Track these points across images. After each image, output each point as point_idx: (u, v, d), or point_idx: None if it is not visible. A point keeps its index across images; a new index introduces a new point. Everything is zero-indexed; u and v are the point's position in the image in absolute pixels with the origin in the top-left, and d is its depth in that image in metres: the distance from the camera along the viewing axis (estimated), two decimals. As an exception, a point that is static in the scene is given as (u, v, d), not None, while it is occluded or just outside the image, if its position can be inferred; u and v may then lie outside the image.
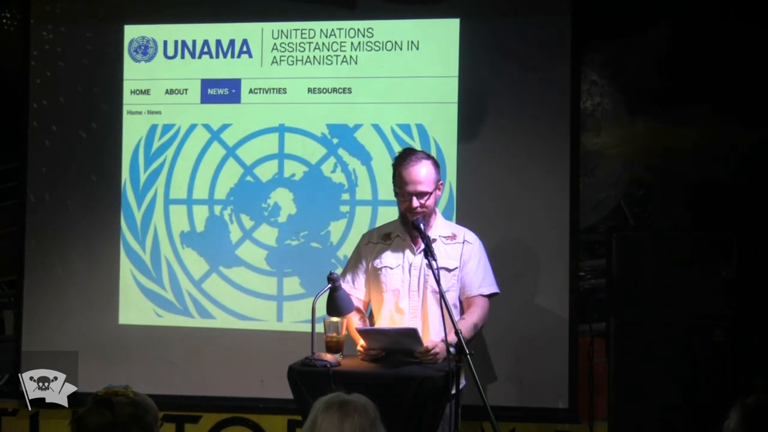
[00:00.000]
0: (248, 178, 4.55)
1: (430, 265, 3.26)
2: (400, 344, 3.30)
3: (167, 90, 4.60)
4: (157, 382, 4.43)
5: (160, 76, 4.61)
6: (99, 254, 4.62)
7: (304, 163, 4.51)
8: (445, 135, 4.39)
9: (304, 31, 4.52)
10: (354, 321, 3.50)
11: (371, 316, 3.63)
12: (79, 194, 4.66)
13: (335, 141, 4.49)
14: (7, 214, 4.80)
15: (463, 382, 3.31)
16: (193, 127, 4.58)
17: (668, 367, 3.86)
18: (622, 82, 4.38)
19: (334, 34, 4.50)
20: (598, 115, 4.41)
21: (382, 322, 3.52)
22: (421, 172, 3.41)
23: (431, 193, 3.44)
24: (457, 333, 3.08)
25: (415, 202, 3.40)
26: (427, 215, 3.46)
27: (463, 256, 3.51)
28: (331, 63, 4.50)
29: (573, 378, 4.26)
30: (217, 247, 4.55)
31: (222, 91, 4.57)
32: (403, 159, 3.46)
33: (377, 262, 3.54)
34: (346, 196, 4.47)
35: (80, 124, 4.68)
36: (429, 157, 3.51)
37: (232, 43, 4.56)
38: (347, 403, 2.04)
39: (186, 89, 4.59)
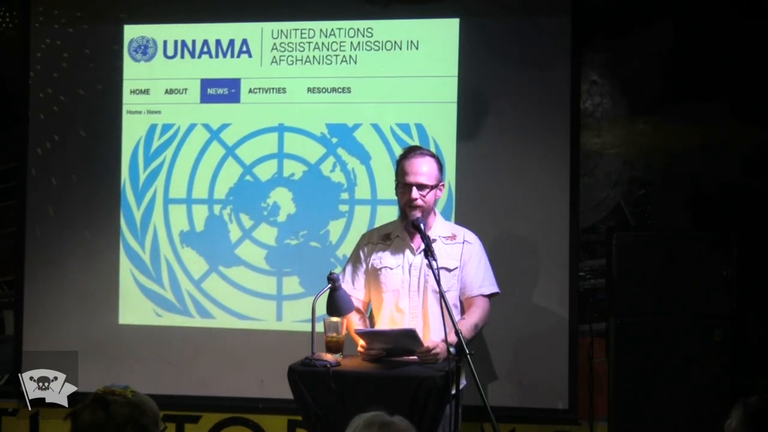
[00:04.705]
0: (248, 177, 4.55)
1: (430, 265, 3.25)
2: (400, 345, 3.30)
3: (167, 90, 4.60)
4: (157, 382, 4.43)
5: (159, 76, 4.60)
6: (99, 254, 4.62)
7: (303, 163, 4.51)
8: (444, 135, 4.39)
9: (303, 31, 4.51)
10: (354, 321, 3.50)
11: (371, 317, 3.62)
12: (78, 194, 4.65)
13: (334, 140, 4.49)
14: (7, 214, 4.80)
15: (463, 383, 3.32)
16: (192, 126, 4.58)
17: (668, 367, 3.86)
18: (623, 82, 4.38)
19: (334, 34, 4.50)
20: (598, 115, 4.41)
21: (382, 322, 3.52)
22: (424, 166, 3.44)
23: (432, 189, 3.44)
24: (457, 333, 3.08)
25: (415, 193, 3.40)
26: (426, 213, 3.45)
27: (463, 256, 3.51)
28: (331, 63, 4.50)
29: (573, 378, 4.26)
30: (217, 247, 4.55)
31: (221, 91, 4.57)
32: (408, 152, 3.51)
33: (377, 263, 3.54)
34: (345, 196, 4.47)
35: (80, 123, 4.67)
36: (434, 155, 3.53)
37: (231, 43, 4.56)
38: (389, 425, 2.01)
39: (186, 89, 4.59)
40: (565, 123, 4.32)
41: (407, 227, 3.51)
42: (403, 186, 3.46)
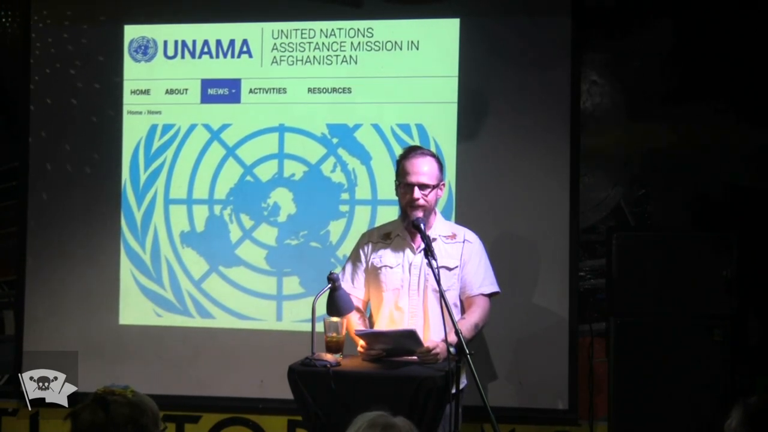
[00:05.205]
0: (248, 177, 4.55)
1: (430, 265, 3.26)
2: (401, 345, 3.30)
3: (167, 90, 4.60)
4: (157, 382, 4.43)
5: (160, 76, 4.61)
6: (99, 254, 4.62)
7: (303, 163, 4.51)
8: (444, 135, 4.39)
9: (304, 31, 4.52)
10: (354, 321, 3.50)
11: (371, 316, 3.62)
12: (79, 194, 4.66)
13: (335, 141, 4.49)
14: (7, 214, 4.80)
15: (464, 382, 3.32)
16: (193, 127, 4.58)
17: (668, 367, 3.85)
18: (622, 82, 4.38)
19: (334, 34, 4.50)
20: (598, 115, 4.41)
21: (382, 321, 3.52)
22: (425, 166, 3.45)
23: (433, 188, 3.45)
24: (457, 333, 3.08)
25: (417, 193, 3.41)
26: (427, 213, 3.46)
27: (463, 255, 3.51)
28: (331, 63, 4.50)
29: (573, 378, 4.26)
30: (217, 247, 4.55)
31: (222, 91, 4.57)
32: (408, 152, 3.52)
33: (377, 262, 3.54)
34: (345, 196, 4.47)
35: (80, 124, 4.67)
36: (434, 155, 3.54)
37: (232, 43, 4.56)
38: (392, 426, 2.01)
39: (186, 89, 4.59)
40: (565, 123, 4.32)
41: (408, 226, 3.51)
42: (404, 186, 3.46)
